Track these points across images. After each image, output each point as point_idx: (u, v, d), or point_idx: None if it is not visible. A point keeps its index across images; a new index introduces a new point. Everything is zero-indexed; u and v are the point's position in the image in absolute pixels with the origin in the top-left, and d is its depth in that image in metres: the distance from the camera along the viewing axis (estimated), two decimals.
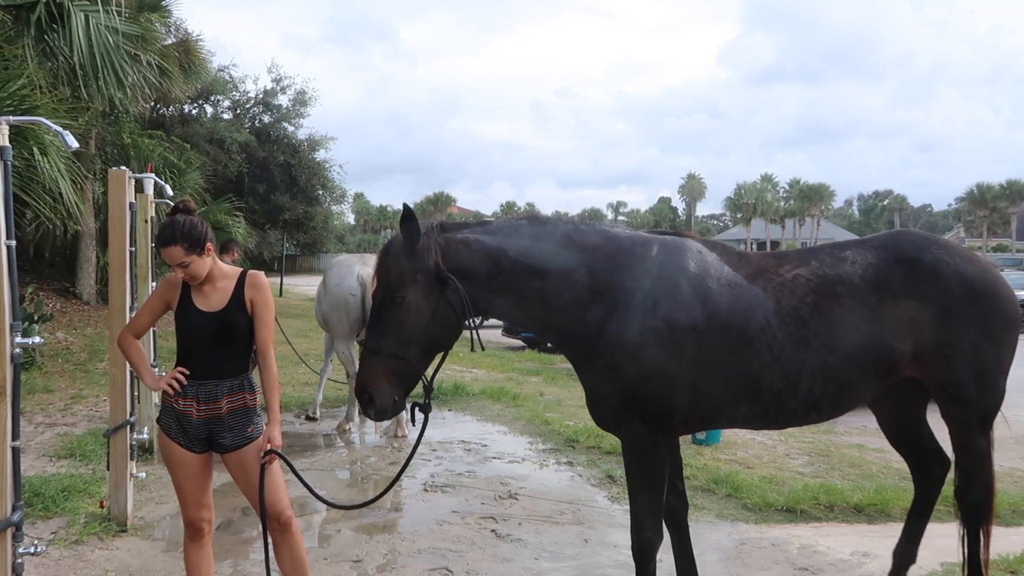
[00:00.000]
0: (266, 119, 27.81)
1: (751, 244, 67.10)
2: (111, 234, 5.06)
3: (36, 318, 10.53)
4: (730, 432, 8.05)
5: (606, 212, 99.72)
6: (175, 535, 4.83)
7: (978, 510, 3.78)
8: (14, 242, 2.92)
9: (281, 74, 27.91)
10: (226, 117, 26.71)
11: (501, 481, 6.30)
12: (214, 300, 3.32)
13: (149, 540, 4.89)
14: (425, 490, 6.09)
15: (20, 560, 3.02)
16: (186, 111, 24.80)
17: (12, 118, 3.07)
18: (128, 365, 4.88)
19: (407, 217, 3.01)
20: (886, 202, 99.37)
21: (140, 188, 5.86)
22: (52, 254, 18.04)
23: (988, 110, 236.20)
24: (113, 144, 15.38)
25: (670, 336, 3.13)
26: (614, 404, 3.24)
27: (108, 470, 5.13)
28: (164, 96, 15.83)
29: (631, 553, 3.47)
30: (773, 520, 5.47)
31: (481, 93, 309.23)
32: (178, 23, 16.71)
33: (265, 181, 26.33)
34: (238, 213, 19.09)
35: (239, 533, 5.11)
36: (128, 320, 4.90)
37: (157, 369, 5.93)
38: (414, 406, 3.25)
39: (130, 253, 5.17)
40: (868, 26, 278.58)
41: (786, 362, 3.22)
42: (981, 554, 3.81)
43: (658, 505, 3.34)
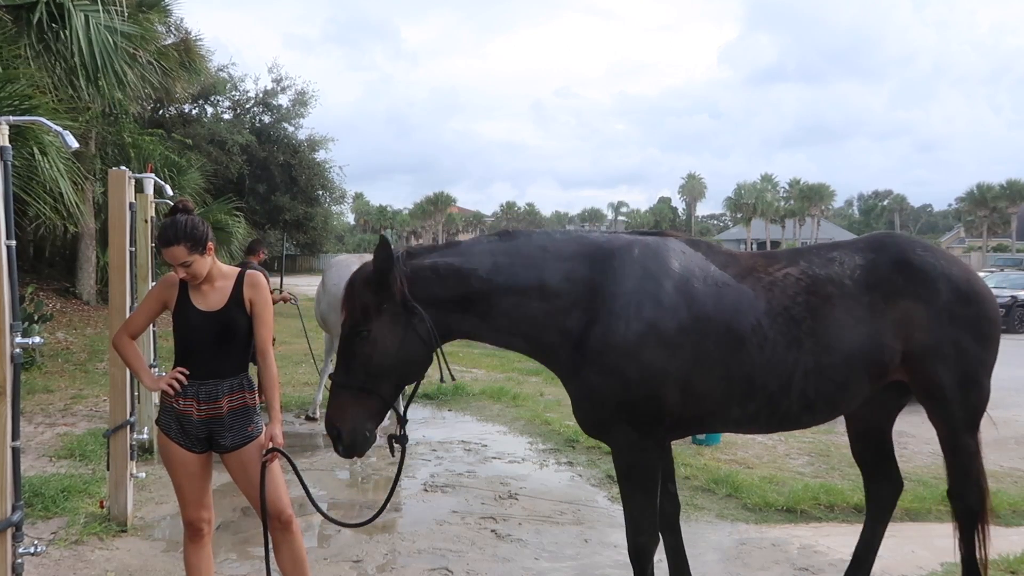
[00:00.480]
0: (266, 119, 27.81)
1: (751, 244, 67.10)
2: (111, 234, 5.06)
3: (36, 318, 10.53)
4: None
5: (606, 212, 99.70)
6: (175, 535, 4.83)
7: (972, 510, 3.75)
8: (14, 242, 2.92)
9: (281, 74, 27.96)
10: (226, 117, 26.71)
11: (501, 481, 6.30)
12: (213, 300, 3.32)
13: (149, 540, 4.89)
14: (425, 490, 6.09)
15: (20, 560, 3.02)
16: (186, 111, 24.80)
17: (12, 118, 3.07)
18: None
19: (383, 247, 2.94)
20: (886, 202, 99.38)
21: (140, 188, 5.86)
22: (52, 254, 18.05)
23: (989, 110, 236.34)
24: (113, 144, 15.39)
25: (656, 339, 3.06)
26: (603, 411, 3.17)
27: (108, 470, 5.13)
28: (164, 96, 15.84)
29: (629, 557, 3.46)
30: (773, 520, 5.47)
31: (481, 93, 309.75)
32: (178, 22, 16.74)
33: (265, 181, 26.34)
34: (238, 213, 19.10)
35: (239, 533, 5.11)
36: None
37: (157, 369, 5.93)
38: (390, 438, 3.19)
39: (130, 253, 5.17)
40: (869, 26, 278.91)
41: (779, 362, 3.16)
42: (978, 554, 3.80)
43: (653, 508, 3.31)
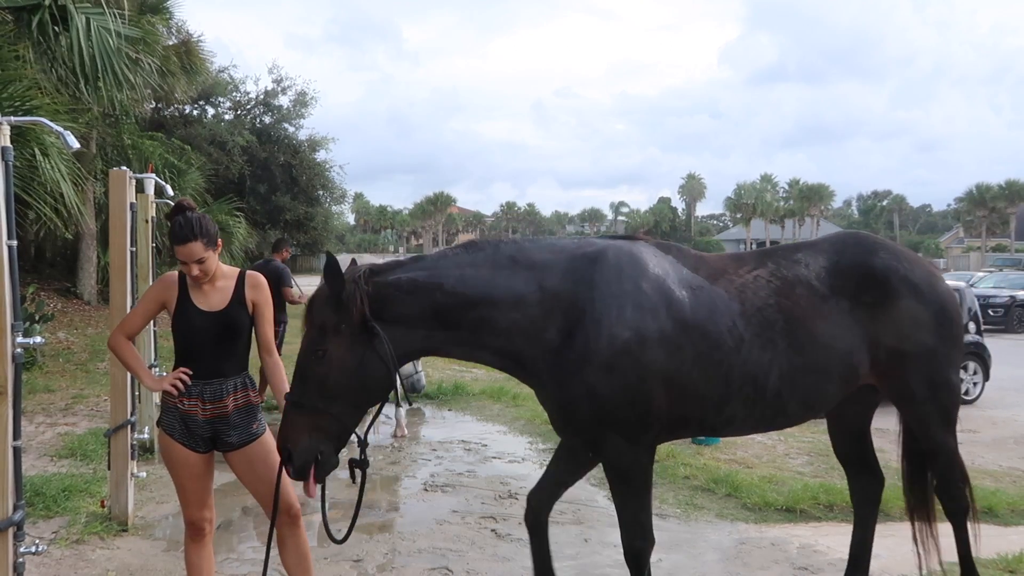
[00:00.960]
0: (267, 120, 27.83)
1: (751, 244, 67.06)
2: (112, 234, 5.07)
3: (37, 318, 10.54)
4: None
5: (607, 212, 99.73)
6: (176, 535, 4.84)
7: (961, 506, 3.79)
8: (15, 242, 2.93)
9: (282, 75, 27.99)
10: (227, 118, 26.73)
11: (501, 481, 6.31)
12: (215, 299, 3.33)
13: (150, 540, 4.90)
14: (425, 490, 6.10)
15: (21, 559, 3.02)
16: (187, 112, 24.82)
17: (14, 119, 3.08)
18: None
19: (330, 268, 2.86)
20: (885, 202, 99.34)
21: (141, 188, 5.87)
22: (53, 254, 18.06)
23: (989, 110, 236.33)
24: (114, 145, 15.40)
25: (640, 344, 3.00)
26: (590, 421, 3.08)
27: (109, 470, 5.14)
28: (165, 97, 15.85)
29: (625, 560, 3.38)
30: (773, 520, 5.48)
31: (482, 93, 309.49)
32: (179, 24, 16.75)
33: (266, 181, 26.36)
34: (239, 213, 19.12)
35: (239, 532, 5.12)
36: None
37: (157, 369, 5.94)
38: (350, 462, 3.05)
39: (131, 253, 5.18)
40: (870, 26, 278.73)
41: (754, 364, 3.14)
42: (973, 550, 3.86)
43: (647, 512, 3.26)
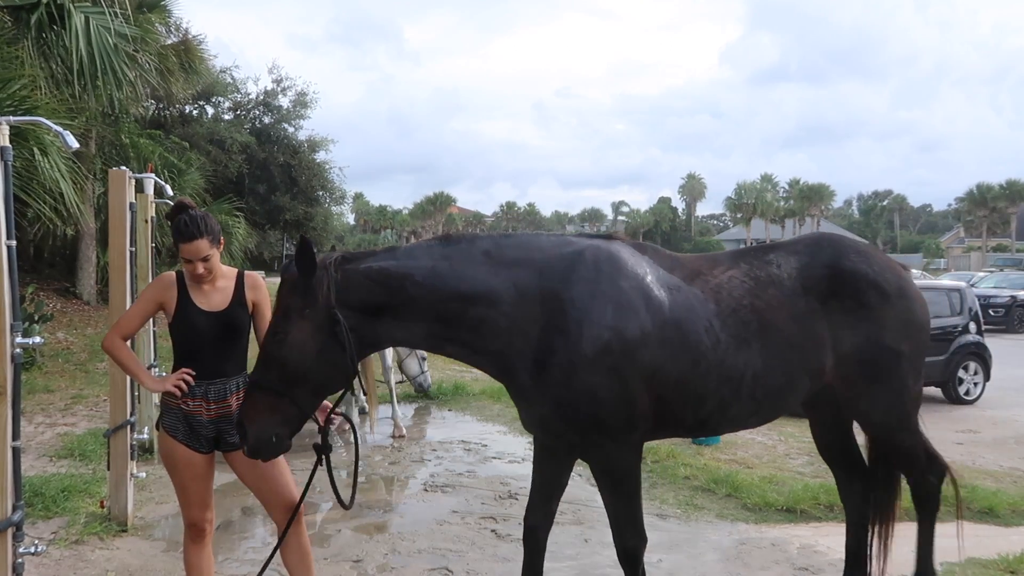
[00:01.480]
0: (266, 120, 27.83)
1: (751, 244, 66.93)
2: (111, 234, 5.06)
3: (36, 318, 10.53)
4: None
5: (607, 212, 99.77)
6: (175, 535, 4.83)
7: (933, 496, 3.95)
8: (15, 242, 2.92)
9: (282, 75, 28.01)
10: (227, 118, 26.72)
11: (501, 481, 6.31)
12: (216, 300, 3.32)
13: (149, 540, 4.89)
14: (425, 490, 6.09)
15: (20, 560, 3.02)
16: (186, 112, 24.81)
17: (12, 118, 3.08)
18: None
19: (302, 250, 2.82)
20: (886, 202, 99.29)
21: (140, 188, 5.86)
22: (52, 254, 18.04)
23: (990, 110, 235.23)
24: (113, 144, 15.38)
25: (622, 345, 2.97)
26: (575, 425, 3.04)
27: (108, 470, 5.14)
28: (164, 96, 15.84)
29: (619, 561, 3.36)
30: (773, 520, 5.48)
31: (483, 93, 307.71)
32: (178, 23, 16.72)
33: (265, 182, 26.36)
34: (238, 213, 19.12)
35: (239, 532, 5.12)
36: None
37: (157, 369, 5.93)
38: (314, 446, 3.06)
39: (130, 253, 5.17)
40: (872, 26, 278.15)
41: (730, 365, 3.15)
42: (934, 550, 3.98)
43: (638, 510, 3.24)
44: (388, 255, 3.04)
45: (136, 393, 5.51)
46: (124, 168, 5.14)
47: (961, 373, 10.65)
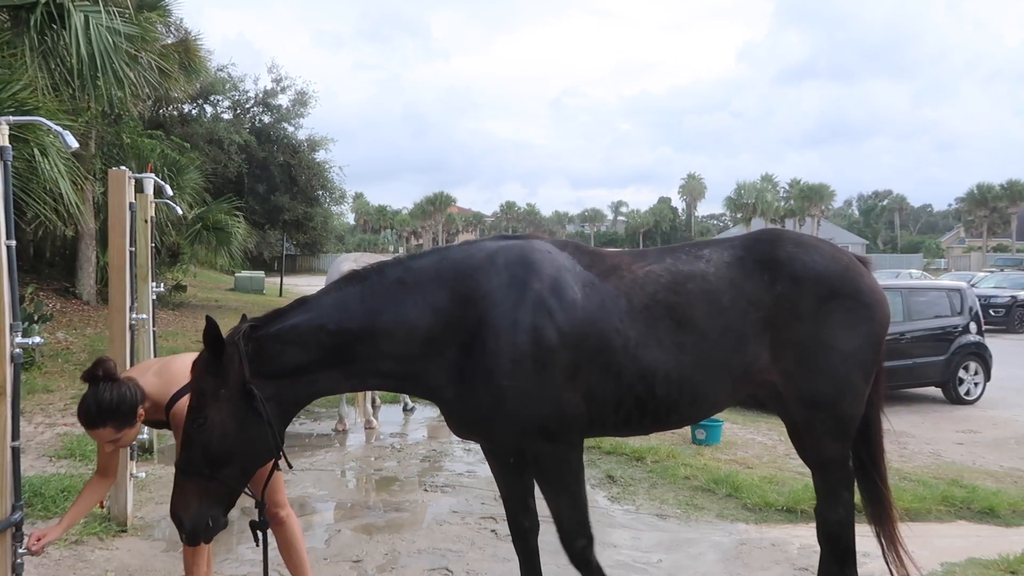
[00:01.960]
0: (266, 119, 27.79)
1: None
2: (111, 234, 5.06)
3: (36, 318, 10.52)
4: (730, 432, 8.05)
5: (607, 212, 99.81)
6: (175, 535, 4.80)
7: (832, 535, 3.47)
8: (14, 242, 2.92)
9: (281, 74, 27.91)
10: (226, 117, 26.69)
11: None
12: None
13: (149, 540, 4.89)
14: (425, 490, 6.09)
15: (20, 560, 3.02)
16: (186, 111, 24.78)
17: (12, 118, 3.07)
18: (127, 364, 4.88)
19: (209, 333, 2.74)
20: (886, 202, 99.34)
21: (140, 188, 5.86)
22: (52, 254, 18.04)
23: (1011, 110, 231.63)
24: (112, 144, 15.37)
25: (539, 348, 2.93)
26: (510, 431, 3.03)
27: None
28: (164, 96, 15.81)
29: (572, 562, 3.27)
30: (773, 520, 5.47)
31: (495, 93, 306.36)
32: (178, 22, 16.71)
33: (265, 181, 26.32)
34: (238, 213, 19.09)
35: (237, 533, 5.11)
36: (126, 328, 4.91)
37: None
38: (251, 524, 3.02)
39: (130, 253, 5.17)
40: (904, 22, 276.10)
41: (641, 363, 3.07)
42: None
43: (582, 509, 3.19)
44: (297, 311, 2.97)
45: None
46: (124, 168, 5.14)
47: (961, 373, 10.65)
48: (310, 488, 6.13)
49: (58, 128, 3.31)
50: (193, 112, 25.43)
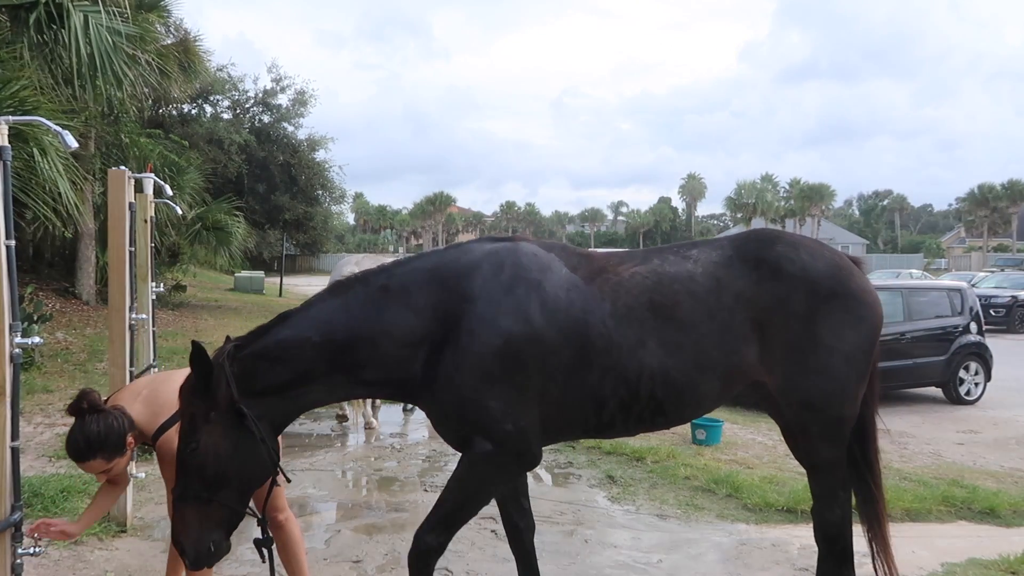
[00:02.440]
0: (265, 119, 27.79)
1: None
2: (110, 234, 5.05)
3: (35, 318, 10.52)
4: (730, 432, 8.05)
5: (607, 212, 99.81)
6: None
7: (836, 533, 3.44)
8: (14, 242, 2.91)
9: (281, 74, 27.91)
10: (225, 117, 26.69)
11: None
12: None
13: (148, 540, 4.88)
14: (425, 490, 6.09)
15: (20, 561, 3.01)
16: (185, 111, 24.79)
17: (12, 118, 3.06)
18: (127, 365, 4.88)
19: (195, 357, 2.74)
20: (886, 202, 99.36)
21: (139, 188, 5.85)
22: (51, 254, 18.03)
23: (1013, 109, 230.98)
24: (112, 144, 15.37)
25: (512, 349, 2.93)
26: (458, 426, 3.04)
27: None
28: (163, 96, 15.82)
29: (407, 559, 3.12)
30: (773, 520, 5.47)
31: (495, 93, 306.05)
32: (177, 22, 16.70)
33: (265, 181, 26.32)
34: (238, 213, 19.09)
35: (237, 533, 5.09)
36: (126, 328, 4.91)
37: (156, 369, 5.92)
38: (255, 541, 3.03)
39: (129, 253, 5.16)
40: (907, 22, 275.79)
41: (624, 366, 3.05)
42: None
43: (459, 522, 3.15)
44: (282, 326, 2.96)
45: None
46: (123, 168, 5.13)
47: (962, 373, 10.65)
48: (310, 488, 6.12)
49: (58, 128, 3.30)
50: (193, 112, 25.43)
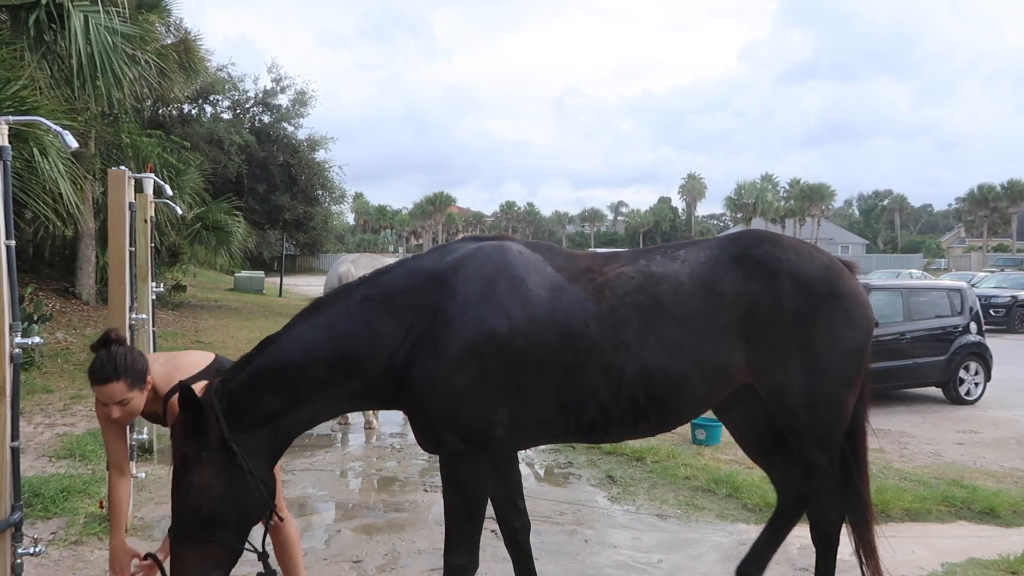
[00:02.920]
0: (266, 119, 27.78)
1: None
2: (110, 234, 5.05)
3: (35, 318, 10.52)
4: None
5: (607, 212, 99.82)
6: None
7: (826, 537, 3.44)
8: (14, 242, 2.91)
9: (281, 74, 27.90)
10: (226, 117, 26.68)
11: None
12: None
13: (148, 540, 4.88)
14: (425, 490, 6.09)
15: (20, 560, 3.01)
16: (186, 111, 24.78)
17: (12, 118, 3.06)
18: None
19: (184, 399, 2.72)
20: (886, 202, 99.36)
21: (139, 188, 5.86)
22: (51, 254, 18.03)
23: (1014, 109, 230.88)
24: (112, 144, 15.36)
25: (485, 348, 2.88)
26: (431, 424, 3.00)
27: (108, 470, 5.12)
28: (163, 96, 15.81)
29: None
30: None
31: (496, 93, 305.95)
32: (177, 22, 16.70)
33: (265, 181, 26.31)
34: (238, 213, 19.10)
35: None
36: (126, 328, 4.90)
37: None
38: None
39: (129, 253, 5.17)
40: (908, 22, 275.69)
41: (606, 369, 2.99)
42: None
43: (475, 531, 3.07)
44: (264, 354, 2.92)
45: None
46: (123, 168, 5.13)
47: (962, 373, 10.64)
48: (310, 488, 6.13)
49: (58, 128, 3.30)
50: (193, 112, 25.43)
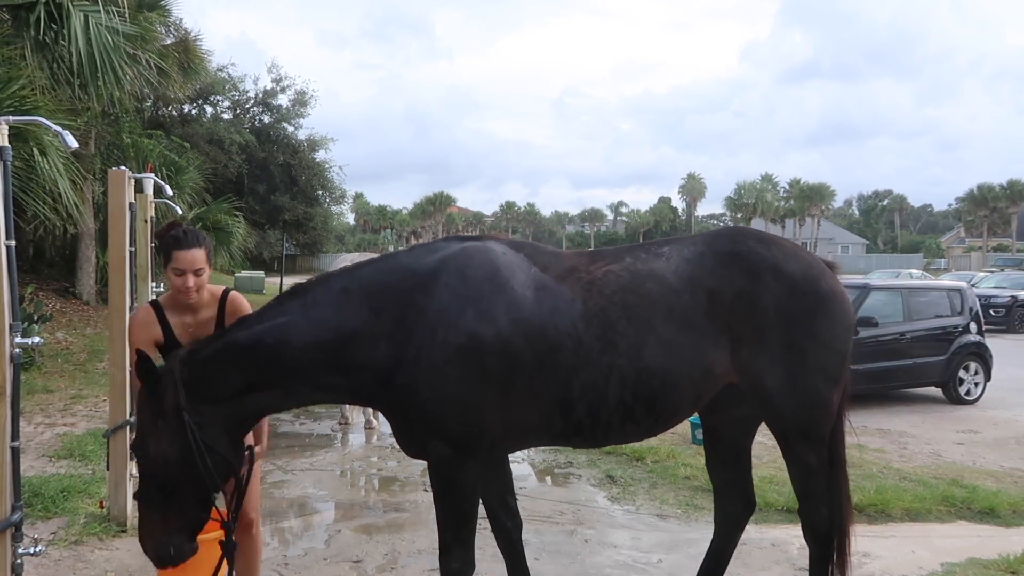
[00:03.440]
0: (266, 119, 27.83)
1: None
2: (111, 234, 5.05)
3: (36, 318, 10.52)
4: None
5: (607, 212, 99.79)
6: None
7: (816, 533, 3.46)
8: (14, 242, 2.92)
9: (281, 74, 28.00)
10: (226, 117, 26.72)
11: None
12: (201, 335, 3.18)
13: None
14: (425, 490, 6.08)
15: (20, 560, 3.02)
16: (186, 111, 24.81)
17: (12, 118, 3.07)
18: (127, 365, 4.87)
19: (141, 367, 2.72)
20: (886, 202, 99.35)
21: (140, 188, 5.85)
22: (52, 254, 18.04)
23: (1015, 109, 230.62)
24: (112, 144, 15.38)
25: (475, 350, 2.84)
26: (416, 428, 2.97)
27: (108, 470, 5.13)
28: (163, 96, 15.83)
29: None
30: (773, 520, 5.47)
31: (496, 93, 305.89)
32: (177, 22, 16.71)
33: (265, 181, 26.38)
34: (238, 213, 19.13)
35: None
36: (127, 327, 4.90)
37: None
38: (220, 543, 2.98)
39: (130, 253, 5.17)
40: (909, 22, 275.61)
41: (594, 369, 2.95)
42: None
43: (469, 534, 3.04)
44: (238, 328, 2.92)
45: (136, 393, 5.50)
46: (123, 168, 5.13)
47: (962, 373, 10.64)
48: (310, 488, 6.13)
49: (58, 128, 3.31)
50: (193, 112, 25.46)
